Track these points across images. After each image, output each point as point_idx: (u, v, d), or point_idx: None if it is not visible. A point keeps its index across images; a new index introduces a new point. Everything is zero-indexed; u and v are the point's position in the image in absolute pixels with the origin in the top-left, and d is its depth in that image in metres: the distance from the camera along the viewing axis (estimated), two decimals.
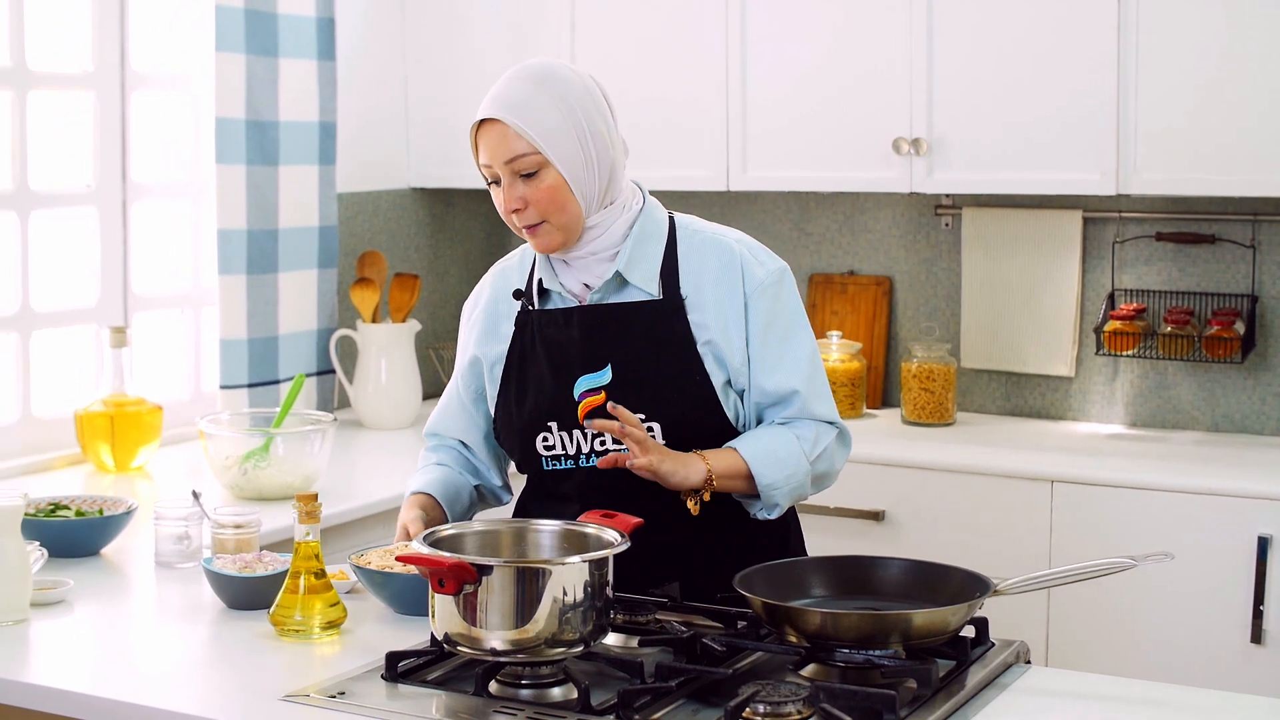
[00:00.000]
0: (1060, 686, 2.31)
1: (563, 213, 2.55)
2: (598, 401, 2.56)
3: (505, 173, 2.54)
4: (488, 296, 2.74)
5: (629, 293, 2.61)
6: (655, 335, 2.58)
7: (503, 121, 2.52)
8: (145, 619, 2.71)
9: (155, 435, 3.83)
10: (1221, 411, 4.26)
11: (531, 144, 2.52)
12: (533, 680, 2.19)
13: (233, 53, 4.10)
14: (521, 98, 2.54)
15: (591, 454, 2.59)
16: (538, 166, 2.53)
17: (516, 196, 2.54)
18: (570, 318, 2.61)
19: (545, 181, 2.54)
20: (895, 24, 4.16)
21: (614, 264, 2.60)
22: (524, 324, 2.66)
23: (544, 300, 2.65)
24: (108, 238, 4.04)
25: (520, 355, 2.65)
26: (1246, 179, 3.86)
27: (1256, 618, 3.62)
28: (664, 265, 2.62)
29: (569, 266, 2.63)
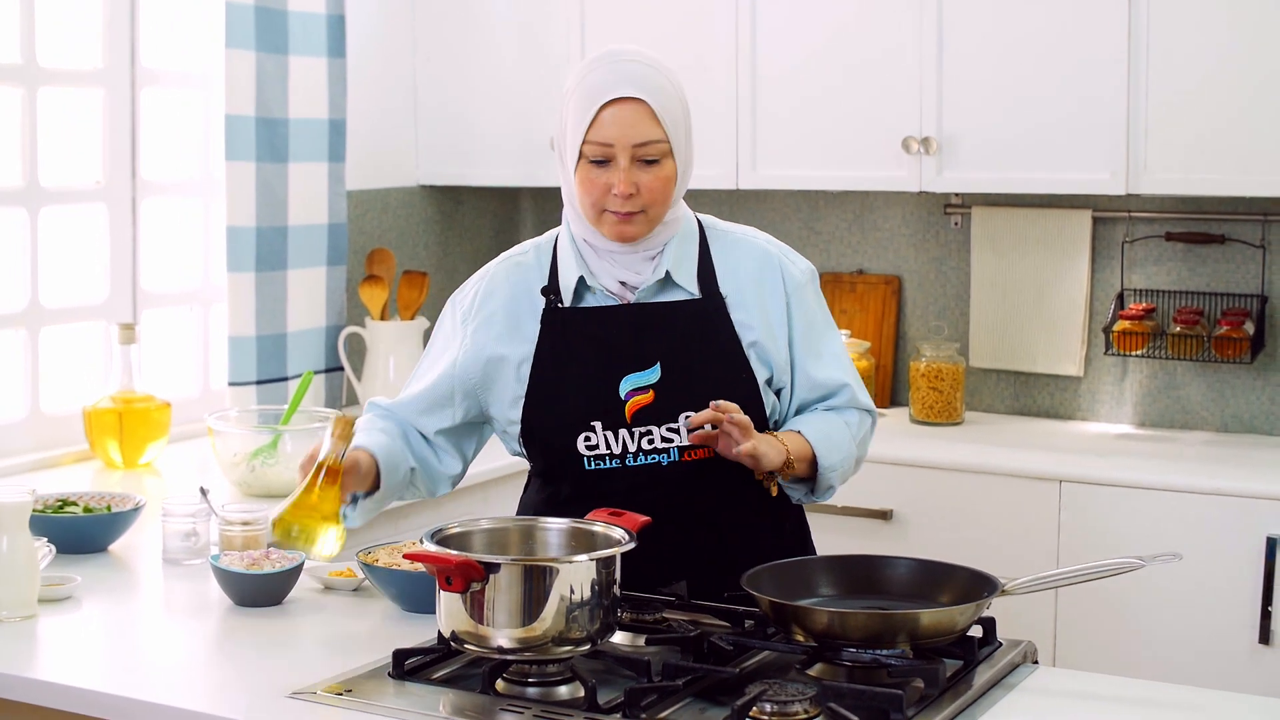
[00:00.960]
0: (1067, 687, 2.30)
1: (663, 205, 2.55)
2: (645, 401, 2.55)
3: (627, 155, 2.50)
4: (506, 294, 2.67)
5: (671, 292, 2.60)
6: (701, 334, 2.57)
7: (646, 103, 2.50)
8: (152, 615, 2.71)
9: (164, 432, 3.83)
10: (1230, 412, 4.25)
11: (665, 131, 2.51)
12: (539, 678, 2.18)
13: (243, 50, 4.10)
14: (658, 83, 2.52)
15: (638, 453, 2.56)
16: (661, 155, 2.52)
17: (633, 181, 2.50)
18: (617, 316, 2.58)
19: (663, 171, 2.53)
20: (905, 23, 4.16)
21: (655, 262, 2.59)
22: (554, 322, 2.61)
23: (577, 298, 2.62)
24: (117, 234, 4.05)
25: (553, 354, 2.59)
26: (1256, 179, 3.85)
27: (1265, 618, 3.61)
28: (700, 265, 2.62)
29: (607, 262, 2.61)
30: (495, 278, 2.70)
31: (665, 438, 2.55)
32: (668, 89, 2.53)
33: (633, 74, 2.51)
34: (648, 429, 2.56)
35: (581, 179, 2.54)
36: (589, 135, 2.50)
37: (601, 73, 2.52)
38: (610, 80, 2.50)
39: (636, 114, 2.49)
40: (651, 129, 2.50)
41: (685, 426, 2.52)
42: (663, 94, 2.52)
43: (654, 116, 2.50)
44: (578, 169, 2.54)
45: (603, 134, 2.50)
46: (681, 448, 2.55)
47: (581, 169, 2.53)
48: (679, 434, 2.55)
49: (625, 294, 2.60)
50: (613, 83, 2.50)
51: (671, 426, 2.55)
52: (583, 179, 2.53)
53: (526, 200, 5.21)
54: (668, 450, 2.55)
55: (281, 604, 2.64)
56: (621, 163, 2.50)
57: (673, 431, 2.55)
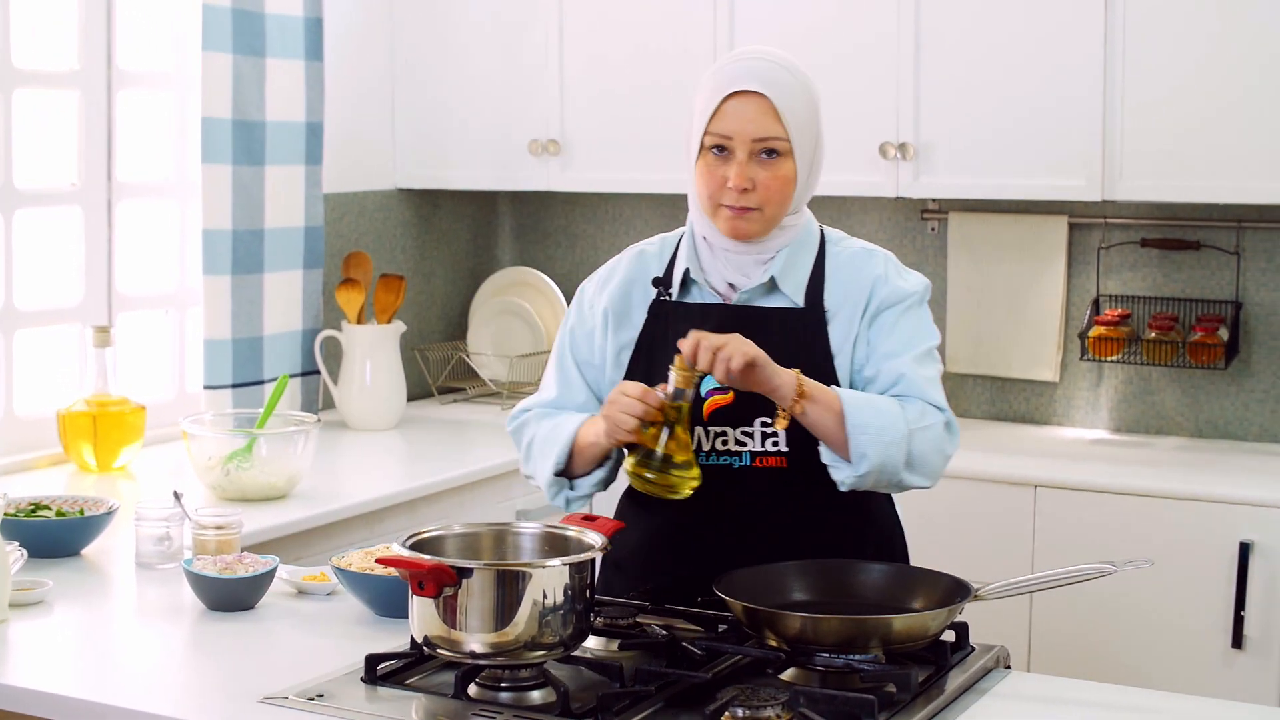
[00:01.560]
0: (1039, 691, 2.31)
1: (780, 205, 2.55)
2: (724, 401, 2.55)
3: (746, 149, 2.51)
4: (622, 278, 2.68)
5: (775, 298, 2.59)
6: (793, 345, 2.55)
7: (767, 98, 2.50)
8: (125, 620, 2.70)
9: (138, 435, 3.82)
10: (1205, 417, 4.27)
11: (786, 129, 2.51)
12: (512, 683, 2.18)
13: (219, 52, 4.09)
14: (784, 81, 2.53)
15: (711, 453, 2.55)
16: (781, 153, 2.52)
17: (749, 176, 2.51)
18: (709, 314, 2.58)
19: (781, 170, 2.53)
20: (883, 28, 4.17)
21: (767, 267, 2.58)
22: (659, 313, 2.62)
23: (685, 292, 2.62)
24: (92, 237, 4.04)
25: (650, 344, 2.61)
26: (1231, 186, 3.86)
27: (1238, 623, 3.62)
28: (811, 277, 2.60)
29: (720, 261, 2.61)
30: (619, 264, 2.72)
31: (739, 441, 2.55)
32: (795, 89, 2.54)
33: (760, 70, 2.53)
34: (723, 430, 2.55)
35: (700, 170, 2.56)
36: (710, 125, 2.52)
37: (731, 67, 2.54)
38: (737, 73, 2.52)
39: (758, 108, 2.51)
40: (772, 125, 2.51)
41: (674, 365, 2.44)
42: (788, 92, 2.52)
43: (775, 113, 2.51)
44: (699, 159, 2.56)
45: (724, 125, 2.52)
46: (754, 453, 2.55)
47: (702, 160, 2.55)
48: (753, 438, 2.55)
49: (730, 294, 2.61)
50: (739, 76, 2.52)
51: (746, 430, 2.55)
52: (701, 170, 2.55)
53: (504, 203, 5.21)
54: (740, 454, 2.55)
55: (254, 608, 2.64)
56: (739, 156, 2.51)
57: (747, 435, 2.55)
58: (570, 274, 5.08)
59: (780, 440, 2.54)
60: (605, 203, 5.03)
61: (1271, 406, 4.20)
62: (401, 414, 4.45)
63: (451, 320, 5.09)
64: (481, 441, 4.31)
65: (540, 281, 4.98)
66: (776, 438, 2.54)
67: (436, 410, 4.71)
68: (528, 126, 4.64)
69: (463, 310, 5.11)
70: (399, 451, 4.23)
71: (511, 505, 4.06)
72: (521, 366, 4.82)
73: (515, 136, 4.66)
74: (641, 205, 4.96)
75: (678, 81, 4.41)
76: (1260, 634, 3.62)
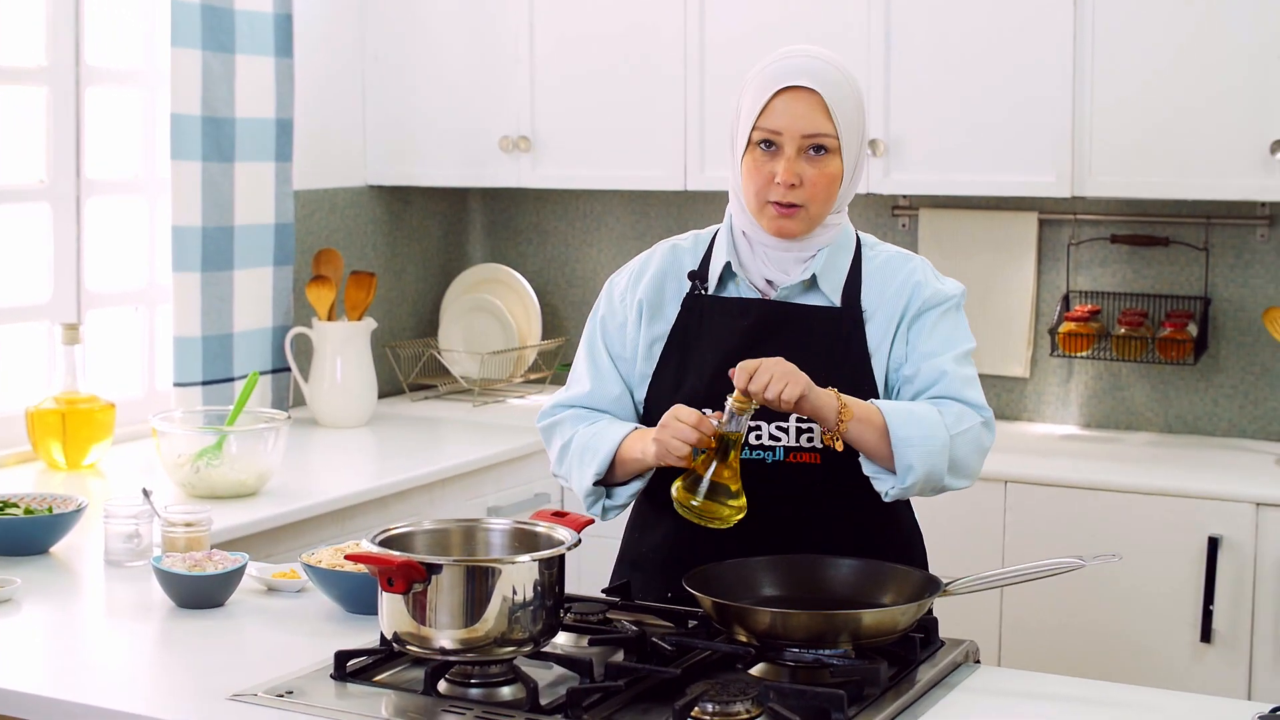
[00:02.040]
0: (1008, 686, 2.32)
1: (825, 203, 2.54)
2: None
3: (795, 145, 2.50)
4: (655, 271, 2.66)
5: (812, 297, 2.58)
6: (830, 344, 2.55)
7: (819, 95, 2.50)
8: (94, 618, 2.70)
9: (108, 433, 3.80)
10: (1174, 413, 4.29)
11: (835, 126, 2.50)
12: (482, 679, 2.18)
13: (189, 48, 4.08)
14: (835, 79, 2.52)
15: (746, 447, 2.52)
16: (829, 150, 2.51)
17: (796, 172, 2.50)
18: (749, 309, 2.58)
19: (828, 168, 2.52)
20: (852, 25, 4.17)
21: (807, 265, 2.58)
22: (693, 306, 2.61)
23: (721, 287, 2.61)
24: (61, 234, 4.02)
25: (684, 337, 2.60)
26: (1199, 182, 3.88)
27: (1206, 617, 3.64)
28: (849, 277, 2.60)
29: (759, 258, 2.60)
30: (652, 257, 2.70)
31: (774, 436, 2.53)
32: (844, 87, 2.53)
33: (810, 66, 2.52)
34: (758, 424, 2.53)
35: (747, 166, 2.54)
36: (759, 121, 2.51)
37: (782, 63, 2.53)
38: (788, 69, 2.52)
39: (809, 104, 2.50)
40: (822, 121, 2.50)
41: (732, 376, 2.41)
42: (838, 90, 2.52)
43: (825, 109, 2.50)
44: (745, 155, 2.54)
45: (773, 121, 2.51)
46: (788, 448, 2.54)
47: (749, 155, 2.54)
48: (788, 434, 2.53)
49: (769, 291, 2.60)
50: (790, 71, 2.51)
51: (781, 425, 2.53)
52: (748, 166, 2.54)
53: (475, 201, 5.21)
54: (774, 449, 2.54)
55: (224, 606, 2.63)
56: (788, 152, 2.50)
57: (781, 430, 2.53)
58: (541, 271, 5.08)
59: (815, 437, 2.53)
60: (576, 199, 5.03)
61: (1240, 402, 4.22)
62: (372, 411, 4.44)
63: (422, 317, 5.08)
64: (452, 438, 4.31)
65: (511, 278, 4.97)
66: (812, 434, 2.53)
67: (408, 407, 4.71)
68: (498, 123, 4.64)
69: (434, 307, 5.10)
70: (370, 449, 4.22)
71: (483, 502, 4.06)
72: (493, 363, 4.82)
73: (486, 133, 4.65)
74: (613, 202, 4.96)
75: (648, 79, 4.41)
76: (1228, 628, 3.64)
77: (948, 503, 3.86)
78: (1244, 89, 3.80)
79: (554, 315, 5.07)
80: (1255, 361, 4.20)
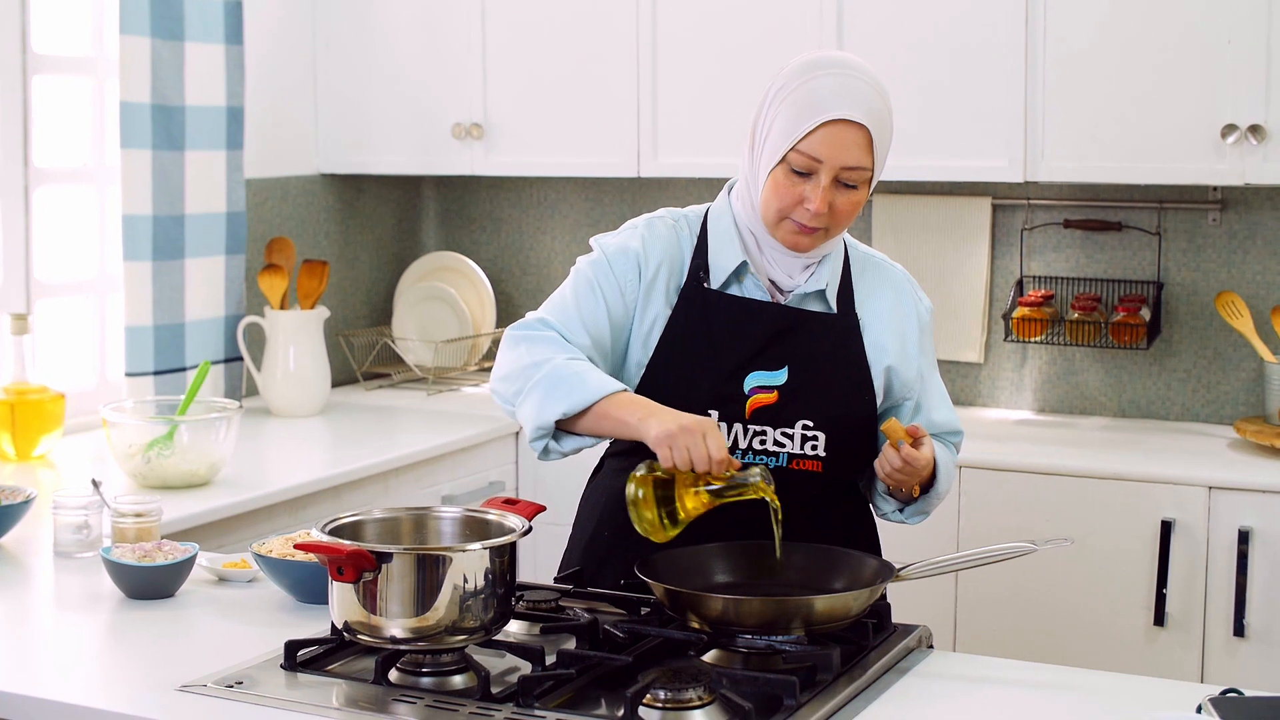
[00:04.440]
0: (961, 671, 2.32)
1: (846, 226, 2.53)
2: (768, 400, 2.51)
3: (831, 175, 2.43)
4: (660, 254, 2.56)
5: (813, 303, 2.57)
6: (833, 349, 2.54)
7: (868, 131, 2.43)
8: (43, 609, 2.67)
9: (58, 424, 3.77)
10: (1128, 397, 4.30)
11: (874, 162, 2.46)
12: (433, 668, 2.17)
13: (138, 36, 4.05)
14: (879, 111, 2.45)
15: (749, 451, 2.51)
16: (862, 182, 2.46)
17: (829, 201, 2.44)
18: (763, 313, 2.53)
19: (857, 196, 2.48)
20: (805, 10, 4.17)
21: (808, 271, 2.55)
22: (695, 299, 2.55)
23: (725, 283, 2.56)
24: (9, 223, 3.98)
25: (688, 331, 2.54)
26: (1151, 167, 3.89)
27: (1159, 601, 3.66)
28: (842, 284, 2.60)
29: (764, 258, 2.56)
30: (657, 233, 2.59)
31: (779, 441, 2.52)
32: (886, 119, 2.47)
33: (861, 96, 2.43)
34: (763, 429, 2.52)
35: (775, 182, 2.47)
36: (800, 145, 2.43)
37: (830, 83, 2.43)
38: (838, 96, 2.42)
39: (856, 139, 2.43)
40: (863, 157, 2.44)
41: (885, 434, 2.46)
42: (882, 124, 2.46)
43: (869, 146, 2.44)
44: (775, 170, 2.47)
45: (815, 148, 2.42)
46: (792, 455, 2.52)
47: (779, 172, 2.46)
48: (793, 440, 2.52)
49: (775, 293, 2.56)
50: (841, 100, 2.42)
51: (787, 432, 2.52)
52: (776, 183, 2.47)
53: (429, 188, 5.18)
54: (779, 454, 2.52)
55: (174, 596, 2.61)
56: (823, 180, 2.43)
57: (787, 437, 2.52)
58: (495, 259, 5.06)
59: (819, 445, 2.52)
60: (530, 186, 5.01)
61: (1193, 386, 4.23)
62: (326, 400, 4.42)
63: (376, 306, 5.06)
64: (407, 427, 4.29)
65: (465, 266, 4.95)
66: (816, 441, 2.52)
67: (361, 396, 4.69)
68: (451, 110, 4.62)
69: (387, 296, 5.08)
70: (323, 438, 4.20)
71: (437, 491, 4.05)
72: (447, 352, 4.80)
73: (438, 120, 4.63)
74: (566, 189, 4.95)
75: (601, 66, 4.40)
76: (1181, 611, 3.66)
77: None
78: (1196, 73, 3.82)
79: (508, 303, 5.06)
80: (1208, 346, 4.22)
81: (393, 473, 3.90)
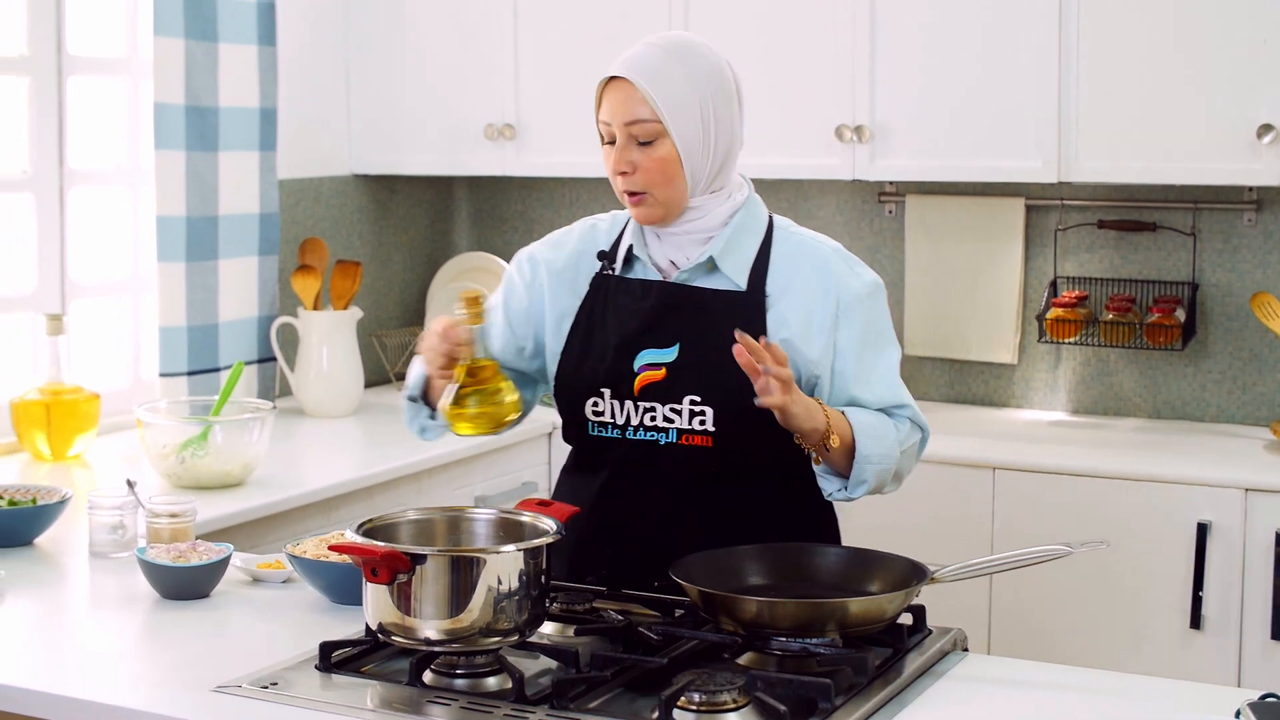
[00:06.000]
0: (997, 674, 2.31)
1: (667, 187, 2.56)
2: (656, 377, 2.56)
3: (622, 134, 2.55)
4: (572, 250, 2.70)
5: (715, 279, 2.60)
6: (728, 325, 2.51)
7: (631, 83, 2.53)
8: (78, 610, 2.68)
9: (93, 424, 3.79)
10: (1162, 398, 4.28)
11: (655, 111, 2.52)
12: (467, 670, 2.17)
13: (172, 37, 4.06)
14: (653, 64, 2.54)
15: (639, 427, 2.57)
16: (655, 135, 2.54)
17: (627, 160, 2.54)
18: (648, 290, 2.60)
19: (658, 152, 2.54)
20: (838, 11, 4.16)
21: (707, 248, 2.60)
22: (600, 286, 2.65)
23: (628, 267, 2.64)
24: (45, 224, 4.00)
25: (589, 316, 2.63)
26: (1186, 167, 3.87)
27: (1195, 603, 3.64)
28: (756, 261, 2.61)
29: (661, 241, 2.63)
30: (569, 233, 2.75)
31: (667, 417, 2.56)
32: (666, 72, 2.53)
33: (630, 57, 2.56)
34: (652, 405, 2.56)
35: (603, 160, 2.60)
36: (599, 115, 2.59)
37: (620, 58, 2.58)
38: (614, 63, 2.57)
39: (625, 94, 2.54)
40: (638, 108, 2.53)
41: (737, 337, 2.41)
42: (657, 76, 2.53)
43: (640, 96, 2.53)
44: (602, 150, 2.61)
45: (603, 114, 2.57)
46: (680, 430, 2.56)
47: (603, 151, 2.60)
48: (681, 416, 2.55)
49: (671, 272, 2.62)
50: (614, 65, 2.57)
51: (675, 408, 2.55)
52: (604, 160, 2.60)
53: (461, 189, 5.19)
54: (667, 430, 2.56)
55: (209, 597, 2.62)
56: (620, 141, 2.56)
57: (675, 413, 2.55)
58: None
59: (708, 420, 2.55)
60: (561, 187, 5.01)
61: (1228, 387, 4.21)
62: (359, 400, 4.43)
63: (409, 306, 5.06)
64: None
65: (497, 266, 4.95)
66: (704, 417, 2.55)
67: (394, 396, 4.68)
68: (483, 111, 4.62)
69: (420, 296, 5.08)
70: (356, 438, 4.20)
71: (470, 491, 4.05)
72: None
73: (471, 121, 4.64)
74: (598, 189, 4.95)
75: None
76: (1218, 614, 3.64)
77: (935, 490, 3.88)
78: (1231, 73, 3.79)
79: None
80: (1243, 346, 4.19)
81: (426, 473, 3.91)
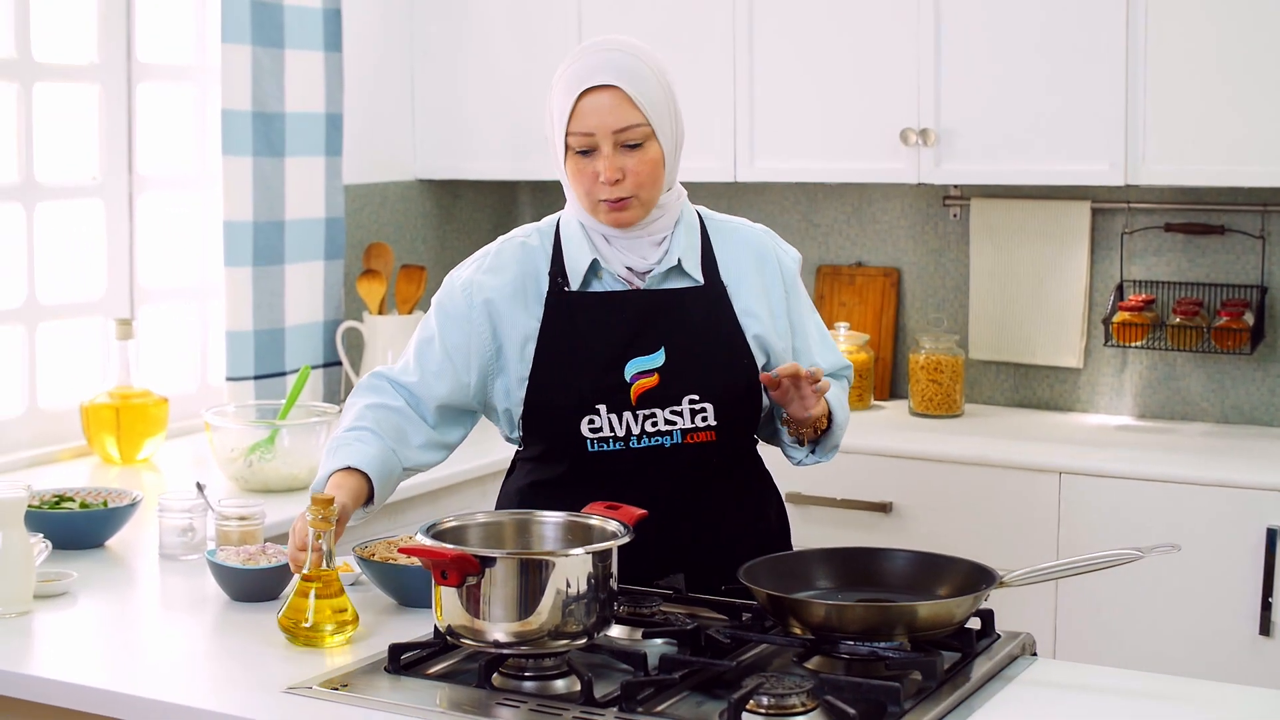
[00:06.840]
0: (1066, 679, 2.30)
1: (654, 188, 2.58)
2: (650, 384, 2.58)
3: (609, 142, 2.53)
4: (515, 273, 2.64)
5: (676, 279, 2.63)
6: (704, 320, 2.62)
7: (620, 89, 2.53)
8: (149, 611, 2.71)
9: (161, 427, 3.82)
10: (1230, 403, 4.25)
11: (644, 114, 2.54)
12: (536, 672, 2.18)
13: (239, 44, 4.09)
14: (631, 68, 2.55)
15: (641, 435, 2.58)
16: (645, 138, 2.55)
17: (618, 167, 2.53)
18: (625, 302, 2.61)
19: (649, 154, 2.56)
20: (903, 14, 4.15)
21: (661, 248, 2.63)
22: (560, 304, 2.61)
23: (584, 282, 2.63)
24: (114, 230, 4.04)
25: (559, 336, 2.60)
26: (1256, 170, 3.84)
27: (1265, 610, 3.61)
28: (703, 253, 2.66)
29: (613, 245, 2.63)
30: (503, 255, 2.68)
31: (669, 420, 2.58)
32: (643, 73, 2.56)
33: (606, 62, 2.55)
34: (651, 412, 2.58)
35: (571, 171, 2.58)
36: (570, 126, 2.55)
37: (577, 65, 2.56)
38: (585, 70, 2.54)
39: (613, 100, 2.53)
40: (629, 113, 2.54)
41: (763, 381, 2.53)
42: (637, 78, 2.55)
43: (630, 101, 2.53)
44: (566, 161, 2.58)
45: (583, 123, 2.54)
46: (685, 430, 2.59)
47: (570, 161, 2.57)
48: (682, 416, 2.58)
49: (633, 279, 2.63)
50: (587, 72, 2.54)
51: (675, 409, 2.58)
52: (572, 171, 2.58)
53: (524, 193, 5.20)
54: (671, 432, 2.59)
55: (278, 599, 2.63)
56: (605, 150, 2.54)
57: (676, 414, 2.58)
58: None
59: (709, 415, 2.59)
60: None
61: None
62: None
63: None
64: None
65: None
66: (706, 413, 2.58)
67: None
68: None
69: None
70: None
71: None
72: None
73: (534, 126, 4.61)
74: None
75: (697, 71, 4.40)
76: None
77: (1001, 494, 3.86)
78: None
79: None
80: None
81: (491, 476, 3.91)
